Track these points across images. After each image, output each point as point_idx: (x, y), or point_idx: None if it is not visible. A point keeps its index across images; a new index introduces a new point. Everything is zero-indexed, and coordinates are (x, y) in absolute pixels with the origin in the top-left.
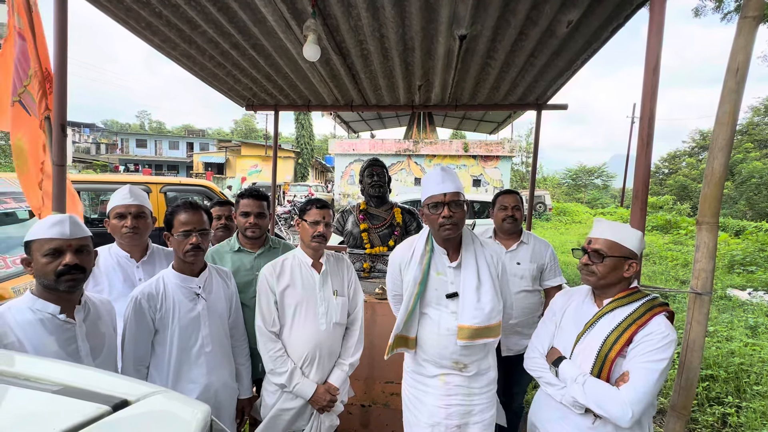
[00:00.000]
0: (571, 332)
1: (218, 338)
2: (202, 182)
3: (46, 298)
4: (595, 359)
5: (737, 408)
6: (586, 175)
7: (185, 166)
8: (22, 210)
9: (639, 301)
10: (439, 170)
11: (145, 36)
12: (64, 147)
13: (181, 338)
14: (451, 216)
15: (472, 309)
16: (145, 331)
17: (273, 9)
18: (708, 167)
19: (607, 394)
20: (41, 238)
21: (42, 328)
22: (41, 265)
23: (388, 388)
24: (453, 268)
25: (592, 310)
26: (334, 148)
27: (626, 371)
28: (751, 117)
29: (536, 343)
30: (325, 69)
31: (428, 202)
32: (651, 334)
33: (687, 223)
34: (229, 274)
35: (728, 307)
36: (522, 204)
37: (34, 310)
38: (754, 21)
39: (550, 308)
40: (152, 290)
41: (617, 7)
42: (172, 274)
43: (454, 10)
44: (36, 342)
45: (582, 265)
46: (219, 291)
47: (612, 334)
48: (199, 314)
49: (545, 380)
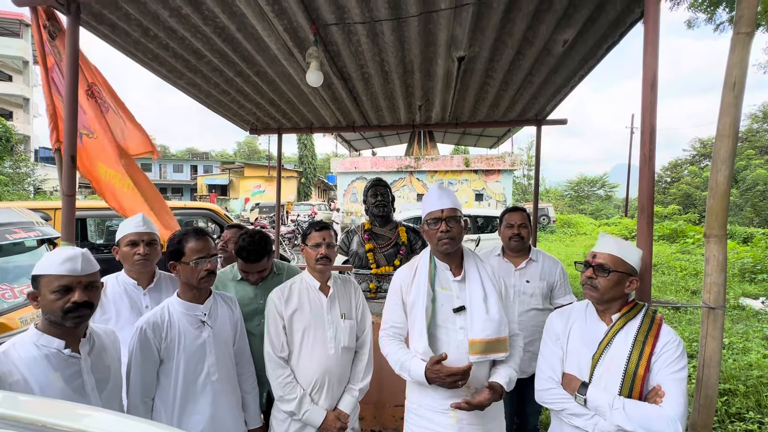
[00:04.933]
0: (584, 354)
1: (225, 366)
2: (206, 205)
3: (52, 333)
4: (622, 379)
5: (759, 424)
6: (588, 185)
7: (189, 188)
8: (30, 239)
9: (641, 313)
10: (436, 188)
11: (152, 67)
12: (74, 178)
13: (186, 368)
14: (448, 230)
15: (482, 321)
16: (150, 361)
17: (276, 38)
18: (712, 180)
19: (652, 414)
20: (51, 275)
21: (47, 364)
22: (49, 301)
23: (398, 412)
24: (458, 282)
25: (600, 328)
26: (336, 166)
27: (657, 386)
28: (750, 124)
29: (548, 372)
30: (327, 93)
31: (428, 218)
32: (667, 344)
33: (694, 232)
34: (234, 300)
35: (742, 318)
36: (529, 221)
37: (39, 346)
38: (748, 36)
39: (551, 331)
40: (157, 319)
41: (612, 26)
42: (177, 302)
43: (452, 34)
44: (41, 379)
45: (586, 279)
46: (224, 318)
47: (633, 350)
48: (205, 342)
49: (570, 411)
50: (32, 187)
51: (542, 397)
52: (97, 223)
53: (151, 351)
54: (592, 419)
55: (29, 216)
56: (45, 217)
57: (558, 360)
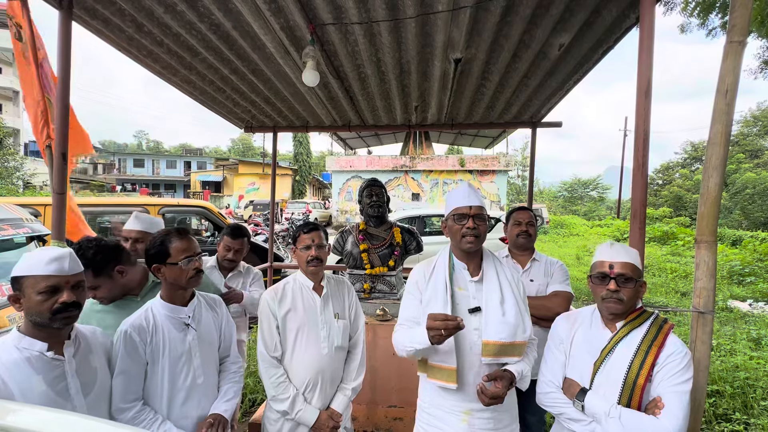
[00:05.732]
0: (586, 361)
1: (210, 369)
2: (200, 203)
3: (34, 336)
4: (621, 388)
5: (745, 425)
6: (581, 187)
7: (183, 185)
8: (19, 236)
9: (648, 321)
10: (466, 185)
11: (146, 63)
12: (65, 175)
13: (171, 371)
14: (475, 228)
15: (497, 323)
16: (138, 364)
17: (272, 36)
18: (703, 186)
19: (649, 426)
20: (36, 275)
21: (29, 367)
22: (35, 303)
23: (391, 413)
24: (475, 283)
25: (604, 335)
26: (331, 165)
27: (657, 397)
28: (741, 128)
29: (549, 376)
30: (323, 92)
31: (454, 213)
32: (672, 354)
33: (684, 234)
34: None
35: (730, 320)
36: (535, 221)
37: (20, 349)
38: (740, 45)
39: (555, 335)
40: (142, 322)
41: (607, 31)
42: (161, 304)
43: (449, 35)
44: (22, 382)
45: (610, 293)
46: (208, 320)
47: (635, 359)
48: (190, 345)
49: (568, 416)
50: (21, 182)
51: (542, 400)
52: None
53: (138, 354)
54: (589, 425)
55: (18, 212)
56: (34, 214)
57: (560, 365)
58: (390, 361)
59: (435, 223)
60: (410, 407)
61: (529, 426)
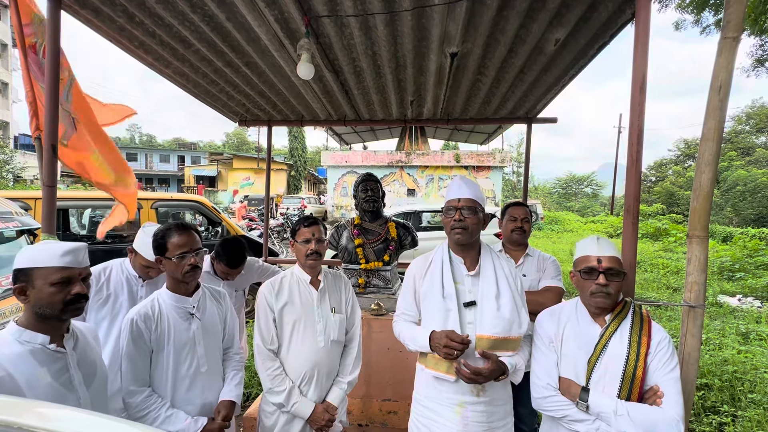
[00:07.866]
0: (580, 358)
1: (214, 358)
2: (194, 197)
3: (35, 329)
4: (621, 381)
5: (733, 417)
6: (576, 183)
7: (176, 179)
8: (9, 230)
9: (630, 311)
10: (458, 179)
11: (137, 55)
12: (55, 167)
13: (176, 359)
14: (461, 220)
15: (492, 318)
16: (144, 351)
17: (267, 29)
18: (696, 182)
19: (656, 417)
20: (51, 267)
21: (33, 360)
22: (47, 294)
23: (386, 406)
24: (471, 277)
25: (594, 330)
26: (326, 160)
27: (655, 386)
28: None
29: (545, 379)
30: (318, 85)
31: (445, 206)
32: (660, 342)
33: (677, 230)
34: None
35: (719, 314)
36: (530, 216)
37: (22, 342)
38: (734, 41)
39: (542, 334)
40: (148, 311)
41: (603, 26)
42: (167, 294)
43: (446, 29)
44: (28, 375)
45: (599, 288)
46: (213, 311)
47: (630, 351)
48: (194, 334)
49: (572, 418)
50: (11, 175)
51: (540, 404)
52: (80, 213)
53: (144, 341)
54: (594, 424)
55: (8, 206)
56: (25, 207)
57: (553, 365)
58: (384, 355)
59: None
60: (405, 401)
61: (522, 418)
